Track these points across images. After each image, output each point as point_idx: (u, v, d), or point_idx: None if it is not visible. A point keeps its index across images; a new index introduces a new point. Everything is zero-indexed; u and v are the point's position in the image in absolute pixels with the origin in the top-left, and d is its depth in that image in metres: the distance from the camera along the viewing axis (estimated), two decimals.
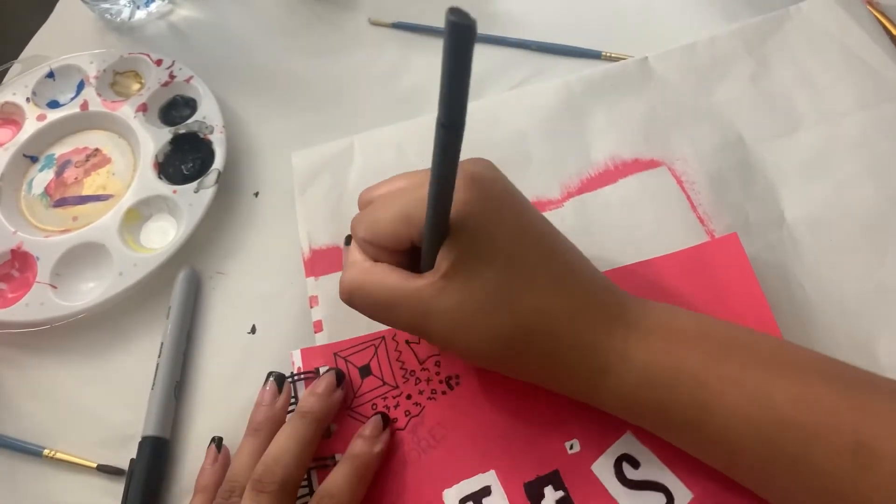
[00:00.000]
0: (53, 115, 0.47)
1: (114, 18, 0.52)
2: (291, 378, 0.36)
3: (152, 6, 0.53)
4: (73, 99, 0.48)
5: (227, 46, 0.51)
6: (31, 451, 0.37)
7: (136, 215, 0.43)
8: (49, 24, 0.54)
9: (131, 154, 0.46)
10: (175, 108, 0.48)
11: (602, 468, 0.32)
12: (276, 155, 0.46)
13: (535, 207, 0.31)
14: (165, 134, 0.45)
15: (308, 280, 0.39)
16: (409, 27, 0.49)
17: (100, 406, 0.39)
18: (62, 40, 0.52)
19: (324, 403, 0.34)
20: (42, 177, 0.46)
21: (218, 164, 0.43)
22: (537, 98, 0.43)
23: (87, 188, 0.45)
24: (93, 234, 0.42)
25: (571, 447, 0.33)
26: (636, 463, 0.32)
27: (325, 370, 0.36)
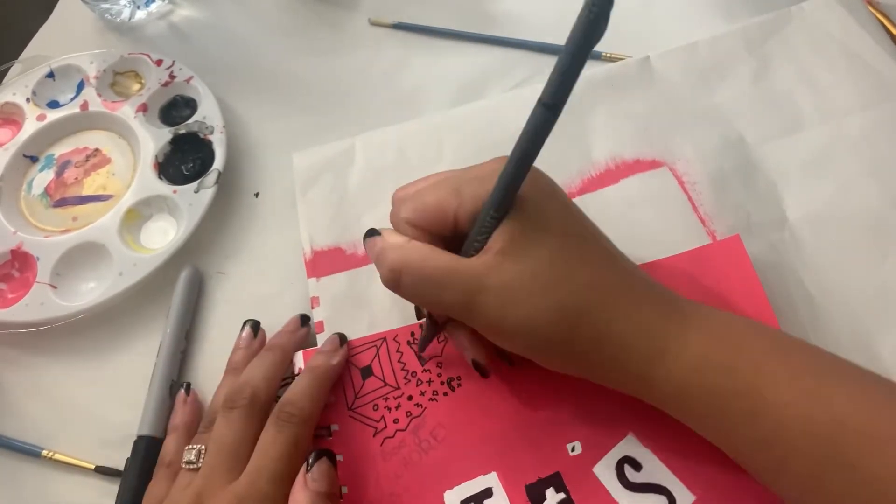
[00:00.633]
0: (53, 115, 0.47)
1: (114, 18, 0.52)
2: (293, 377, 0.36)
3: (152, 6, 0.53)
4: (73, 99, 0.48)
5: (227, 46, 0.51)
6: (29, 452, 0.37)
7: (137, 215, 0.43)
8: (49, 24, 0.54)
9: (131, 154, 0.46)
10: (175, 109, 0.48)
11: (604, 470, 0.32)
12: (276, 155, 0.45)
13: None
14: (165, 134, 0.45)
15: (310, 281, 0.39)
16: (409, 28, 0.49)
17: (100, 406, 0.39)
18: (62, 40, 0.52)
19: (289, 338, 0.37)
20: (42, 177, 0.46)
21: (218, 164, 0.43)
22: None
23: (87, 188, 0.45)
24: (93, 234, 0.42)
25: (573, 449, 0.33)
26: (638, 465, 0.32)
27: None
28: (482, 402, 0.34)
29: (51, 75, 0.49)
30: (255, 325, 0.38)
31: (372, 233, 0.32)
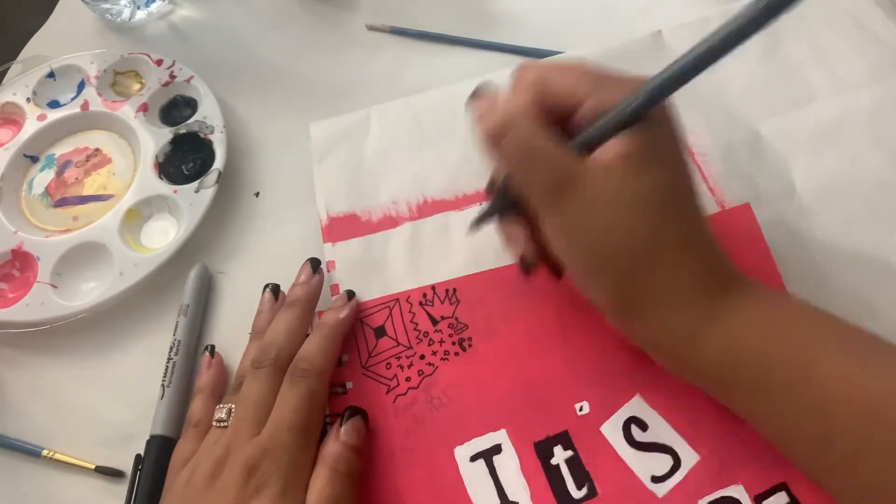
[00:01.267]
0: (54, 115, 0.47)
1: (114, 18, 0.52)
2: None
3: (152, 6, 0.53)
4: (73, 99, 0.48)
5: (227, 46, 0.51)
6: (30, 452, 0.37)
7: (137, 215, 0.43)
8: (49, 24, 0.54)
9: (132, 154, 0.46)
10: (175, 108, 0.48)
11: (611, 429, 0.33)
12: (277, 155, 0.46)
13: None
14: (166, 134, 0.45)
15: (325, 246, 0.40)
16: (406, 33, 0.49)
17: (100, 406, 0.39)
18: (63, 40, 0.52)
19: (305, 289, 0.37)
20: (42, 177, 0.46)
21: (218, 164, 0.43)
22: None
23: (88, 188, 0.45)
24: (93, 233, 0.42)
25: (581, 409, 0.34)
26: (644, 425, 0.33)
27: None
28: (492, 361, 0.36)
29: (51, 75, 0.49)
30: (276, 288, 0.38)
31: (478, 93, 0.31)
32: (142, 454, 0.36)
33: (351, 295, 0.38)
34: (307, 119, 0.46)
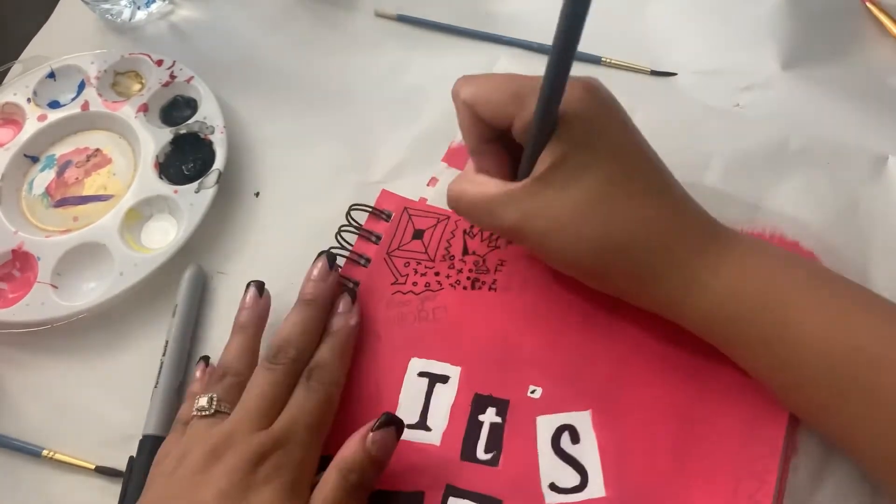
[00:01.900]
0: (54, 116, 0.47)
1: (114, 19, 0.52)
2: (368, 209, 0.41)
3: (153, 6, 0.53)
4: (73, 99, 0.48)
5: (227, 46, 0.51)
6: (29, 452, 0.37)
7: (137, 215, 0.43)
8: (49, 24, 0.54)
9: (132, 154, 0.46)
10: (176, 109, 0.48)
11: (545, 424, 0.34)
12: (277, 155, 0.46)
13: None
14: (166, 134, 0.45)
15: (441, 164, 0.43)
16: (413, 21, 0.50)
17: (100, 406, 0.39)
18: (63, 40, 0.52)
19: (323, 288, 0.37)
20: (43, 177, 0.46)
21: (219, 164, 0.43)
22: None
23: (88, 188, 0.45)
24: (93, 234, 0.42)
25: (533, 392, 0.35)
26: (577, 438, 0.34)
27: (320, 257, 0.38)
28: (488, 310, 0.37)
29: (51, 75, 0.49)
30: (261, 286, 0.38)
31: None
32: (133, 456, 0.36)
33: (353, 296, 0.37)
34: (308, 118, 0.47)
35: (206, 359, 0.38)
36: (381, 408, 0.35)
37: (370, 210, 0.41)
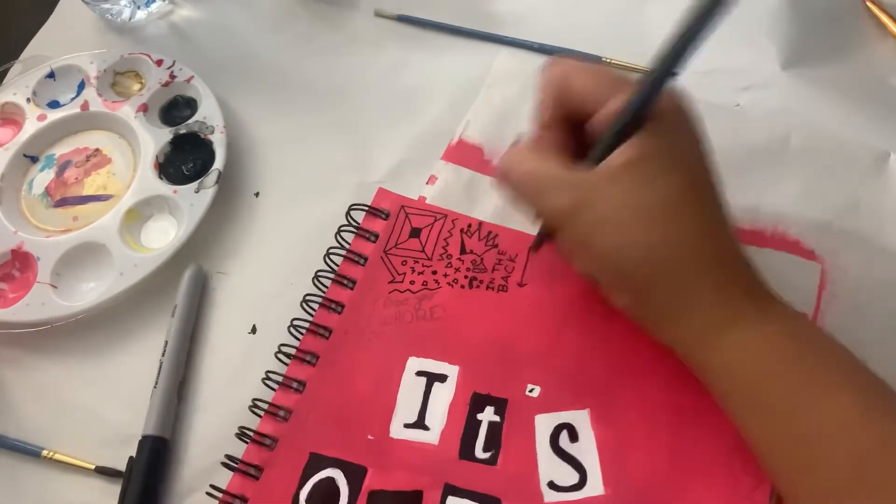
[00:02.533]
0: (54, 116, 0.47)
1: (114, 18, 0.52)
2: (364, 208, 0.41)
3: (152, 6, 0.53)
4: (73, 99, 0.48)
5: (227, 46, 0.51)
6: (29, 452, 0.37)
7: (137, 215, 0.43)
8: (49, 24, 0.54)
9: (132, 154, 0.46)
10: (175, 109, 0.48)
11: (544, 423, 0.34)
12: (277, 154, 0.46)
13: None
14: (166, 134, 0.45)
15: (439, 162, 0.42)
16: (413, 21, 0.50)
17: (100, 406, 0.39)
18: (63, 40, 0.52)
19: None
20: (42, 177, 0.46)
21: (218, 164, 0.43)
22: None
23: (88, 188, 0.45)
24: (93, 234, 0.42)
25: (531, 391, 0.35)
26: (575, 437, 0.34)
27: None
28: (486, 309, 0.37)
29: (51, 75, 0.49)
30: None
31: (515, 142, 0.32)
32: (133, 456, 0.36)
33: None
34: (308, 118, 0.47)
35: None
36: (379, 407, 0.35)
37: (367, 209, 0.41)
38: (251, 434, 0.35)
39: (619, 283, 0.30)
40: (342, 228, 0.41)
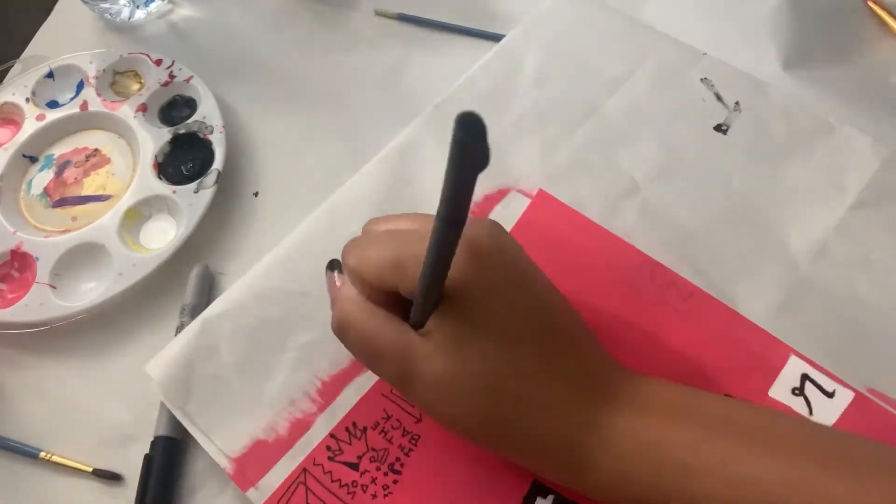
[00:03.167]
0: (53, 116, 0.47)
1: (113, 18, 0.52)
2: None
3: (152, 6, 0.52)
4: (72, 99, 0.48)
5: (226, 46, 0.51)
6: (27, 453, 0.37)
7: (136, 215, 0.43)
8: (49, 23, 0.54)
9: (131, 154, 0.46)
10: (175, 108, 0.48)
11: None
12: (276, 155, 0.45)
13: (542, 275, 0.30)
14: (165, 134, 0.45)
15: (249, 493, 0.33)
16: (413, 20, 0.49)
17: (99, 407, 0.38)
18: (62, 40, 0.52)
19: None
20: (41, 177, 0.46)
21: (218, 164, 0.43)
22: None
23: (87, 188, 0.45)
24: (92, 234, 0.42)
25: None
26: None
27: None
28: (433, 465, 0.33)
29: (50, 75, 0.49)
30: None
31: (333, 266, 0.31)
32: (149, 454, 0.36)
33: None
34: (308, 118, 0.46)
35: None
36: None
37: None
38: None
39: (472, 442, 0.30)
40: None
